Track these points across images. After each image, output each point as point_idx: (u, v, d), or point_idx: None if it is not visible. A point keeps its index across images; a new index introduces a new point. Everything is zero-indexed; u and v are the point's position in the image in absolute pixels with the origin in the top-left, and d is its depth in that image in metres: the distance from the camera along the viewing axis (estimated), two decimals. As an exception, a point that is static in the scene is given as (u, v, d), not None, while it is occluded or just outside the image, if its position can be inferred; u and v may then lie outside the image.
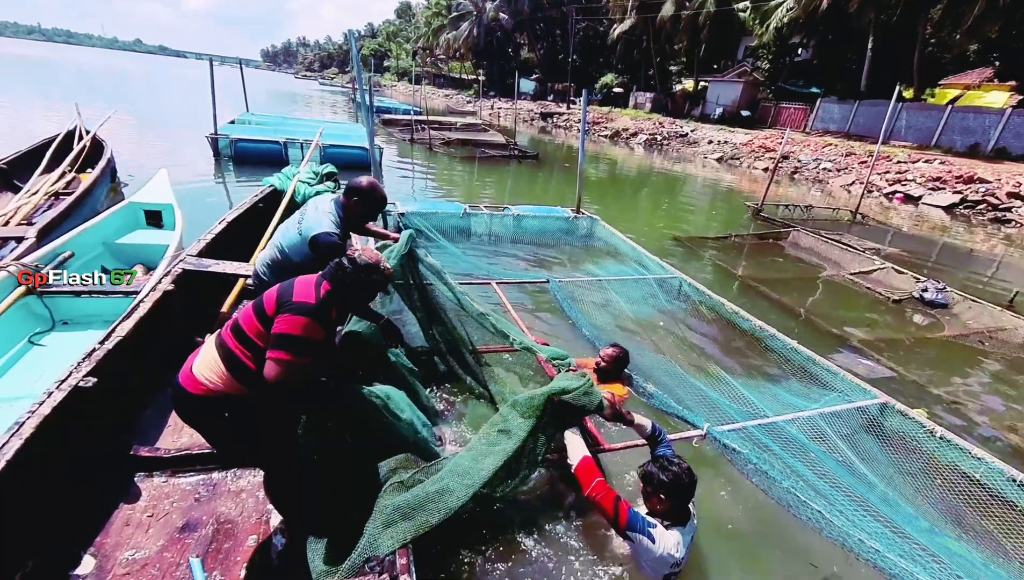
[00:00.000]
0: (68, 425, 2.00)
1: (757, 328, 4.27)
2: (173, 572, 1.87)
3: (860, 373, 3.99)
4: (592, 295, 4.73)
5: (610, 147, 23.23)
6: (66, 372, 2.11)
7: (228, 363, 1.62)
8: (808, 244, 7.74)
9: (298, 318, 1.57)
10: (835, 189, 15.43)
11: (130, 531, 2.01)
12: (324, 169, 5.50)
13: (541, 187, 12.11)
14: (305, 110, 26.78)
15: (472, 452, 2.04)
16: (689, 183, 15.41)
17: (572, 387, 2.10)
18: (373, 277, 1.75)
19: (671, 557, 1.89)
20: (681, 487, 1.96)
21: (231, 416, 1.69)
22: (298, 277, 1.72)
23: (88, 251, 3.76)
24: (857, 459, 2.85)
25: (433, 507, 1.84)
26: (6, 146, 8.02)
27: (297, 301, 1.59)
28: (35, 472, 1.83)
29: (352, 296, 1.77)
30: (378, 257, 1.77)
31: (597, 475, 2.00)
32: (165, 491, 2.21)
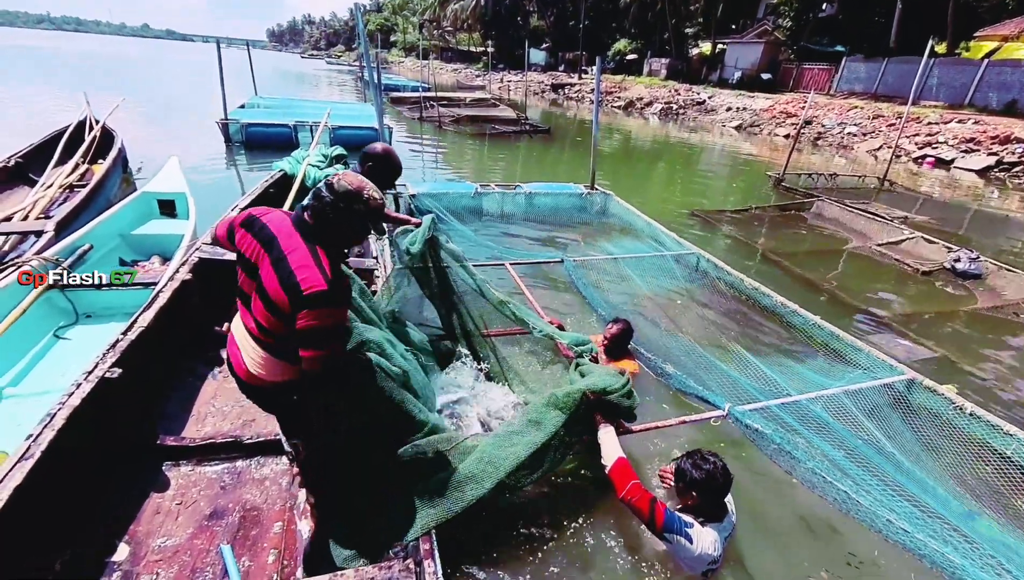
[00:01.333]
0: (97, 416, 2.04)
1: (778, 304, 4.16)
2: (203, 558, 1.92)
3: (886, 349, 3.86)
4: (607, 273, 4.66)
5: (623, 118, 22.57)
6: (92, 363, 2.15)
7: (267, 348, 1.58)
8: (832, 214, 7.45)
9: (322, 312, 1.40)
10: (861, 155, 14.80)
11: (160, 519, 2.06)
12: (333, 151, 5.42)
13: (553, 162, 11.87)
14: (313, 91, 26.53)
15: (499, 439, 2.04)
16: (706, 153, 14.93)
17: (613, 387, 2.08)
18: (355, 207, 1.44)
19: (708, 555, 1.88)
20: (715, 485, 1.93)
21: (297, 399, 1.71)
22: (288, 249, 1.44)
23: (105, 243, 3.81)
24: (884, 437, 2.78)
25: (458, 495, 1.85)
26: (20, 137, 8.13)
27: (309, 292, 1.37)
28: (68, 463, 1.88)
29: (340, 236, 1.49)
30: (362, 183, 1.46)
31: (632, 477, 1.96)
32: (192, 479, 2.26)
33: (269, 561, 1.96)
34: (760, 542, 2.27)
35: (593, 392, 2.09)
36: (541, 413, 2.05)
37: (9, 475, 1.66)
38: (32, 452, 1.76)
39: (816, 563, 2.21)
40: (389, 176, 2.44)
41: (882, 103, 17.96)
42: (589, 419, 2.16)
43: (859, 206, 7.51)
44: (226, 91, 8.99)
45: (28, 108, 12.59)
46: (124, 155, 6.11)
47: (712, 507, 1.98)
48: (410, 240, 2.70)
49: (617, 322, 3.19)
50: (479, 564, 2.01)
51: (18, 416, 2.42)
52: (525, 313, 2.88)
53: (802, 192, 8.71)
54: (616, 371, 2.24)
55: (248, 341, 1.60)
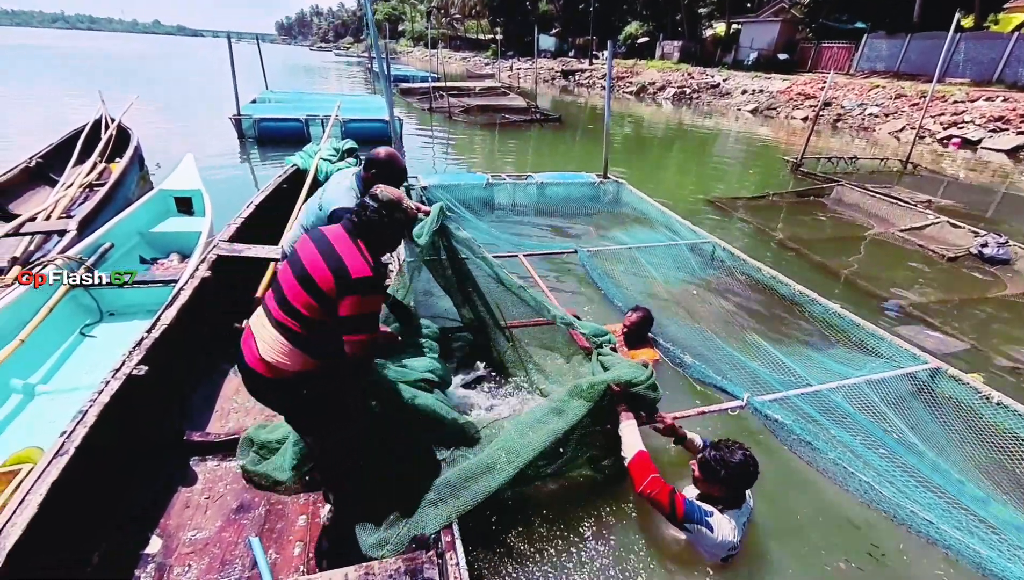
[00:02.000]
0: (126, 413, 2.10)
1: (797, 293, 4.09)
2: (232, 551, 1.97)
3: (910, 337, 3.78)
4: (621, 264, 4.62)
5: (635, 104, 22.21)
6: (119, 361, 2.20)
7: (290, 338, 1.60)
8: (853, 200, 7.26)
9: (368, 299, 1.57)
10: (882, 137, 14.37)
11: (190, 512, 2.12)
12: (344, 145, 5.45)
13: (564, 151, 11.74)
14: (323, 84, 26.55)
15: (520, 427, 2.04)
16: (721, 139, 14.62)
17: (638, 379, 2.07)
18: (396, 215, 1.64)
19: (729, 542, 1.89)
20: (745, 478, 1.92)
21: (308, 392, 1.71)
22: (333, 239, 1.61)
23: (126, 241, 3.89)
24: (907, 428, 2.73)
25: (479, 485, 1.87)
26: (40, 135, 8.28)
27: (357, 278, 1.52)
28: (100, 458, 1.93)
29: (381, 239, 1.68)
30: (399, 193, 1.68)
31: (651, 471, 1.96)
32: (218, 474, 2.31)
33: (295, 553, 2.00)
34: (778, 532, 2.25)
35: (618, 384, 2.09)
36: (564, 402, 2.06)
37: (46, 471, 1.72)
38: (67, 448, 1.82)
39: (835, 553, 2.18)
40: (393, 180, 2.42)
41: (905, 81, 17.36)
42: (612, 411, 2.15)
43: (881, 190, 7.30)
44: (237, 86, 9.03)
45: (47, 107, 12.83)
46: (140, 153, 6.21)
47: (735, 496, 1.98)
48: (417, 231, 2.67)
49: (636, 310, 3.18)
50: (499, 554, 2.03)
51: (50, 413, 2.50)
52: (543, 299, 2.87)
53: (821, 177, 8.50)
54: (640, 363, 2.23)
55: (271, 332, 1.62)
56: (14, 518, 1.55)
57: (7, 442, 2.28)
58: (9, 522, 1.54)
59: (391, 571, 1.64)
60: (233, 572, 1.90)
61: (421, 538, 1.76)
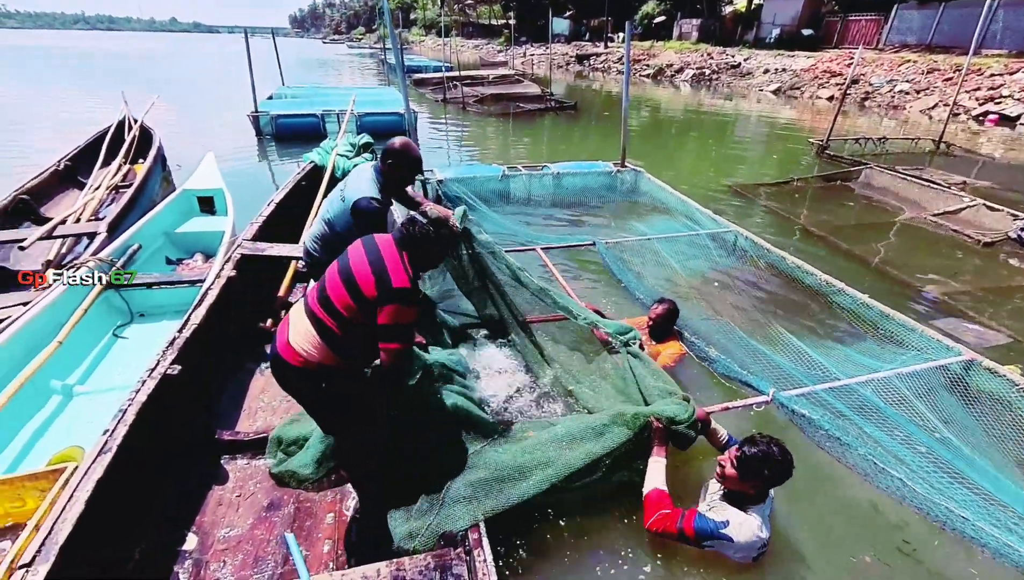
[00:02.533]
0: (161, 413, 2.16)
1: (823, 283, 3.97)
2: (264, 548, 2.02)
3: (948, 330, 3.65)
4: (641, 255, 4.55)
5: (652, 88, 21.72)
6: (154, 361, 2.27)
7: (321, 332, 1.68)
8: (882, 183, 6.99)
9: (406, 310, 1.66)
10: (914, 115, 13.78)
11: (223, 510, 2.18)
12: (360, 140, 5.47)
13: (580, 139, 11.57)
14: (337, 77, 26.61)
15: (557, 438, 2.06)
16: (742, 121, 14.21)
17: (680, 418, 2.09)
18: (442, 232, 1.77)
19: (758, 541, 1.86)
20: (785, 474, 1.87)
21: (327, 386, 1.79)
22: (381, 246, 1.70)
23: (152, 242, 3.99)
24: (940, 422, 2.64)
25: (511, 492, 1.90)
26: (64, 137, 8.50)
27: (397, 287, 1.61)
28: (138, 457, 2.00)
29: (426, 255, 1.78)
30: (447, 213, 1.89)
31: (662, 507, 1.96)
32: (248, 472, 2.37)
33: (324, 551, 2.05)
34: (801, 524, 2.22)
35: (659, 419, 2.11)
36: (606, 426, 2.09)
37: (91, 468, 1.78)
38: (109, 446, 1.88)
39: (861, 547, 2.14)
40: (409, 170, 2.46)
41: (938, 55, 16.53)
42: (648, 443, 2.18)
43: (912, 173, 7.00)
44: (255, 81, 9.10)
45: (71, 109, 13.16)
46: (162, 154, 6.34)
47: (764, 493, 1.94)
48: None
49: (662, 302, 3.13)
50: (524, 550, 2.05)
51: (88, 413, 2.60)
52: (566, 301, 2.86)
53: (848, 160, 8.20)
54: (682, 400, 2.22)
55: (305, 322, 1.71)
56: (64, 514, 1.62)
57: (49, 442, 2.38)
58: (59, 518, 1.60)
59: (421, 567, 1.67)
60: (266, 568, 1.95)
61: (449, 535, 1.79)
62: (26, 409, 2.48)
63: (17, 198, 4.58)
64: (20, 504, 1.86)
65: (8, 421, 2.32)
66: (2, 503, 1.85)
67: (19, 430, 2.40)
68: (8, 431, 2.35)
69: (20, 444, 2.34)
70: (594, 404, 2.53)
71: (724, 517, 1.88)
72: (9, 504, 1.85)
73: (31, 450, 2.33)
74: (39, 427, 2.46)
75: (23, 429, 2.41)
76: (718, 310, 3.82)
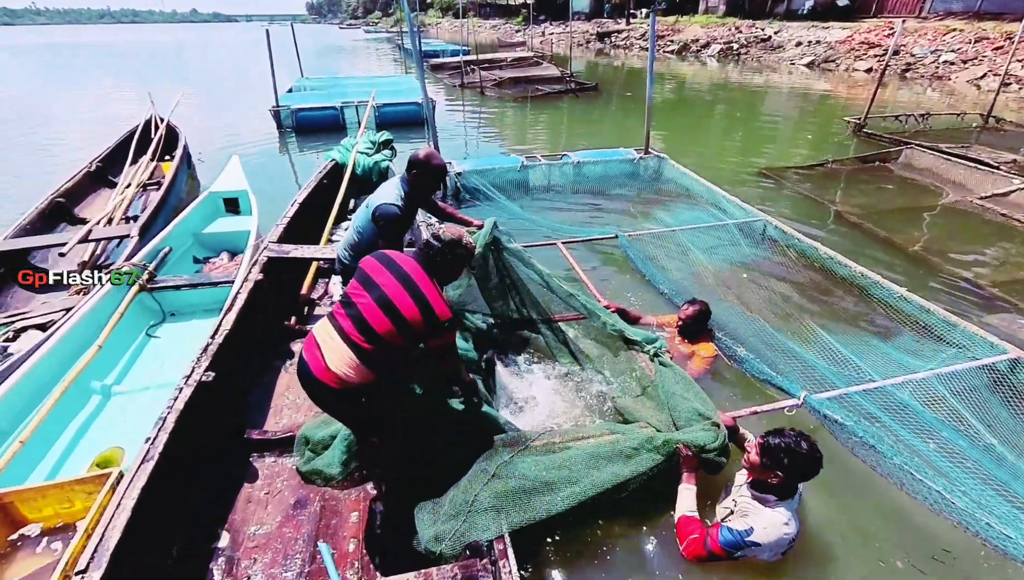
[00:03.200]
0: (196, 416, 2.23)
1: (858, 274, 3.81)
2: (292, 546, 2.09)
3: (995, 323, 3.46)
4: (665, 248, 4.44)
5: (677, 64, 20.97)
6: (189, 368, 2.34)
7: (360, 355, 1.72)
8: (924, 164, 6.59)
9: (452, 333, 1.91)
10: (959, 86, 12.94)
11: (252, 508, 2.25)
12: (380, 137, 5.46)
13: (600, 122, 11.29)
14: (354, 63, 26.59)
15: (585, 456, 2.07)
16: (772, 97, 13.59)
17: (711, 446, 2.08)
18: (458, 252, 1.85)
19: (786, 539, 1.85)
20: (809, 470, 1.84)
21: (367, 400, 1.87)
22: (412, 273, 1.77)
23: (181, 243, 4.09)
24: (983, 427, 2.51)
25: (537, 507, 1.91)
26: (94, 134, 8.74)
27: (444, 320, 1.73)
28: (177, 460, 2.07)
29: (447, 275, 1.91)
30: (460, 232, 1.88)
31: (692, 532, 1.98)
32: (276, 470, 2.44)
33: (350, 549, 2.09)
34: (835, 527, 2.17)
35: (689, 447, 2.11)
36: (635, 450, 2.09)
37: (136, 476, 1.85)
38: (151, 454, 1.94)
39: (895, 552, 2.08)
40: (434, 179, 2.56)
41: (987, 22, 15.41)
42: (676, 467, 2.18)
43: (957, 151, 6.57)
44: (275, 76, 9.17)
45: (100, 106, 13.55)
46: (188, 152, 6.48)
47: (790, 487, 1.90)
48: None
49: (693, 304, 3.08)
50: (549, 564, 2.05)
51: (126, 412, 2.71)
52: (595, 306, 2.85)
53: (888, 138, 7.76)
54: (712, 426, 2.18)
55: (342, 346, 1.73)
56: (113, 521, 1.69)
57: (91, 441, 2.50)
58: (109, 526, 1.68)
59: (448, 577, 1.69)
60: (294, 566, 2.01)
61: (475, 545, 1.81)
62: (69, 410, 2.60)
63: (54, 201, 4.76)
64: (69, 506, 1.96)
65: (54, 422, 2.43)
66: (52, 505, 1.95)
67: (63, 430, 2.52)
68: (54, 431, 2.47)
69: (65, 443, 2.46)
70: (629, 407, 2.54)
71: (747, 525, 1.86)
72: (58, 506, 1.95)
73: (75, 449, 2.45)
74: (81, 426, 2.58)
75: (66, 429, 2.53)
76: (747, 304, 3.71)
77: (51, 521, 1.98)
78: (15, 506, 1.91)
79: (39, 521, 1.97)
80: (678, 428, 2.28)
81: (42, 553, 1.88)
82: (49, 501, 1.94)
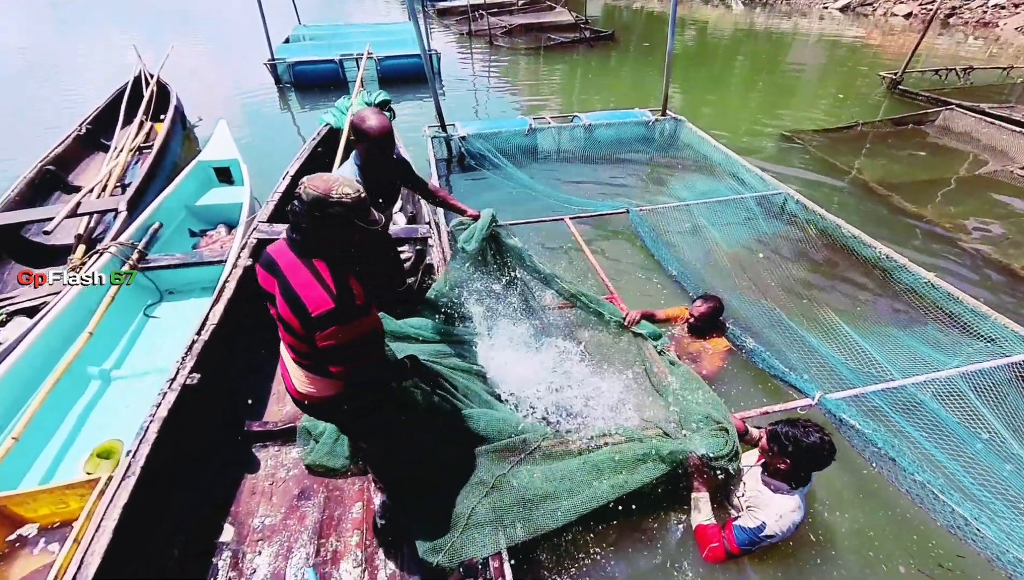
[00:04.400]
0: (190, 409, 2.18)
1: (883, 256, 3.61)
2: (296, 538, 2.08)
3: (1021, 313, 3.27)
4: (678, 224, 4.22)
5: (699, 7, 19.52)
6: (173, 370, 2.25)
7: (311, 369, 1.56)
8: (964, 127, 6.10)
9: (333, 330, 1.34)
10: (1007, 33, 11.92)
11: (257, 499, 2.24)
12: (377, 98, 5.11)
13: (615, 76, 10.59)
14: (357, 4, 25.05)
15: (586, 466, 2.00)
16: (799, 46, 12.65)
17: (720, 454, 1.99)
18: (329, 212, 1.32)
19: (794, 526, 1.88)
20: (816, 462, 1.83)
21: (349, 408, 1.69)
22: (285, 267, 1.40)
23: (174, 217, 3.95)
24: (1010, 436, 2.36)
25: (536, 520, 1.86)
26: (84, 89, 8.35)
27: (317, 314, 1.32)
28: (172, 459, 2.04)
29: (329, 243, 1.38)
30: (328, 184, 1.32)
31: (711, 540, 1.97)
32: (280, 461, 2.41)
33: (353, 542, 2.09)
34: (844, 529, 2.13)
35: (696, 454, 2.03)
36: (640, 460, 2.02)
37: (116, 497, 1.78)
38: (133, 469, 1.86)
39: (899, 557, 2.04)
40: (374, 144, 2.08)
41: (1048, -43, 13.94)
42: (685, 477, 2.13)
43: (1001, 113, 6.06)
44: (267, 21, 8.55)
45: (87, 58, 12.96)
46: (181, 110, 6.19)
47: (803, 476, 1.90)
48: (465, 237, 2.51)
49: (707, 300, 2.90)
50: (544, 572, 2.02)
51: (126, 398, 2.67)
52: (600, 304, 2.72)
53: (925, 97, 7.19)
54: (721, 431, 2.09)
55: (294, 366, 1.60)
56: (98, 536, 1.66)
57: (90, 432, 2.47)
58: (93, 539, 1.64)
59: (444, 596, 1.67)
60: (299, 558, 2.01)
61: (470, 564, 1.77)
62: (65, 400, 2.56)
63: (43, 169, 4.58)
64: (64, 506, 1.95)
65: (49, 414, 2.40)
66: (47, 506, 1.94)
67: (60, 422, 2.49)
68: (50, 424, 2.45)
69: (63, 437, 2.44)
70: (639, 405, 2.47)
71: (758, 521, 1.88)
72: (54, 507, 1.95)
73: (73, 442, 2.43)
74: (81, 414, 2.56)
75: (64, 421, 2.50)
76: (761, 289, 3.54)
77: (48, 520, 1.98)
78: (9, 508, 1.91)
79: (36, 521, 1.97)
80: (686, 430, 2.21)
81: (40, 554, 1.89)
82: (43, 503, 1.93)
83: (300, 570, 1.97)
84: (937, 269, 3.50)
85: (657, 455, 2.00)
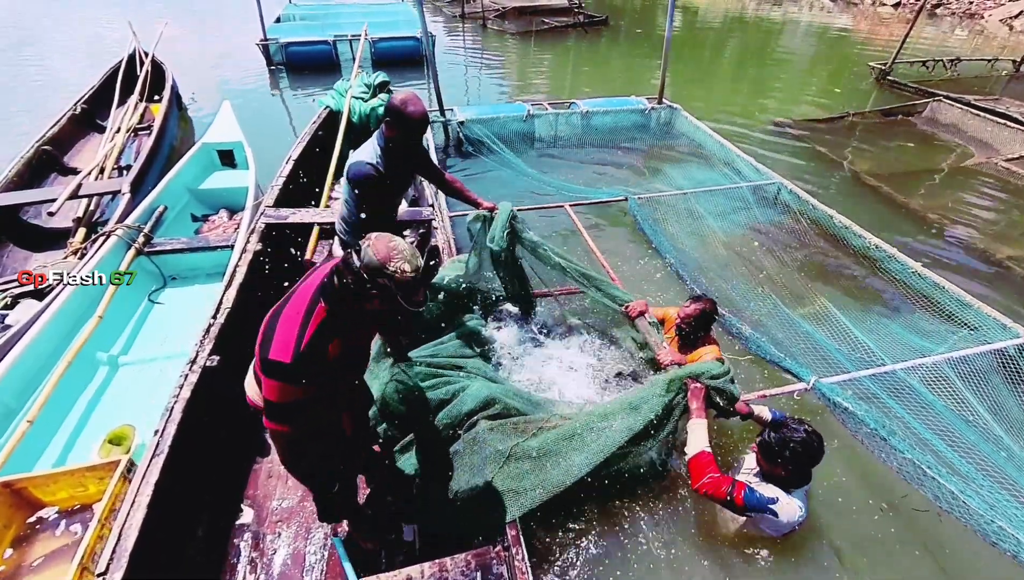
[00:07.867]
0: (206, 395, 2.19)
1: (872, 246, 3.73)
2: (313, 520, 2.12)
3: (1006, 302, 3.41)
4: (676, 212, 4.30)
5: (692, -7, 19.35)
6: (193, 352, 2.27)
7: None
8: (950, 118, 6.26)
9: (274, 382, 1.24)
10: (992, 25, 12.11)
11: (273, 482, 2.28)
12: (376, 79, 5.07)
13: (607, 63, 10.51)
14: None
15: (591, 420, 2.03)
16: (788, 34, 12.70)
17: (717, 372, 2.02)
18: (378, 280, 1.20)
19: (795, 521, 1.88)
20: (810, 457, 1.85)
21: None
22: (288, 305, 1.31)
23: (177, 201, 3.90)
24: (992, 419, 2.51)
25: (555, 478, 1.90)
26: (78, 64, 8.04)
27: (272, 359, 1.23)
28: (192, 444, 2.07)
29: (349, 311, 1.28)
30: (389, 252, 1.21)
31: (710, 470, 1.91)
32: (293, 442, 2.46)
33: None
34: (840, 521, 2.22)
35: (694, 376, 2.05)
36: (643, 397, 2.04)
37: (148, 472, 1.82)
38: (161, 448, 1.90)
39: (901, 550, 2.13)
40: (411, 130, 2.04)
41: (1035, -51, 14.10)
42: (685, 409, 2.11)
43: (986, 105, 6.21)
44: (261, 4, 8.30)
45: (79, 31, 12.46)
46: (176, 91, 6.04)
47: (802, 475, 1.93)
48: (490, 236, 2.53)
49: (697, 301, 2.51)
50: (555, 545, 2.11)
51: (135, 383, 2.68)
52: (610, 290, 2.74)
53: (913, 87, 7.32)
54: (715, 361, 2.13)
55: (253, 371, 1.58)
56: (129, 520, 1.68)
57: (101, 417, 2.49)
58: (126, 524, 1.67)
59: (462, 567, 1.75)
60: (317, 539, 2.07)
61: (487, 532, 1.84)
62: (76, 384, 2.56)
63: (40, 150, 4.46)
64: (83, 489, 1.98)
65: (61, 398, 2.41)
66: (66, 489, 1.97)
67: (72, 406, 2.50)
68: (62, 408, 2.46)
69: (74, 421, 2.45)
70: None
71: (774, 494, 1.87)
72: (72, 490, 1.98)
73: (85, 426, 2.44)
74: (91, 400, 2.56)
75: (75, 405, 2.51)
76: (756, 277, 3.65)
77: (67, 503, 2.01)
78: (29, 491, 1.93)
79: (55, 504, 2.00)
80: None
81: (61, 535, 1.93)
82: (62, 486, 1.96)
83: (324, 544, 2.03)
84: (924, 258, 3.63)
85: (657, 388, 2.04)
